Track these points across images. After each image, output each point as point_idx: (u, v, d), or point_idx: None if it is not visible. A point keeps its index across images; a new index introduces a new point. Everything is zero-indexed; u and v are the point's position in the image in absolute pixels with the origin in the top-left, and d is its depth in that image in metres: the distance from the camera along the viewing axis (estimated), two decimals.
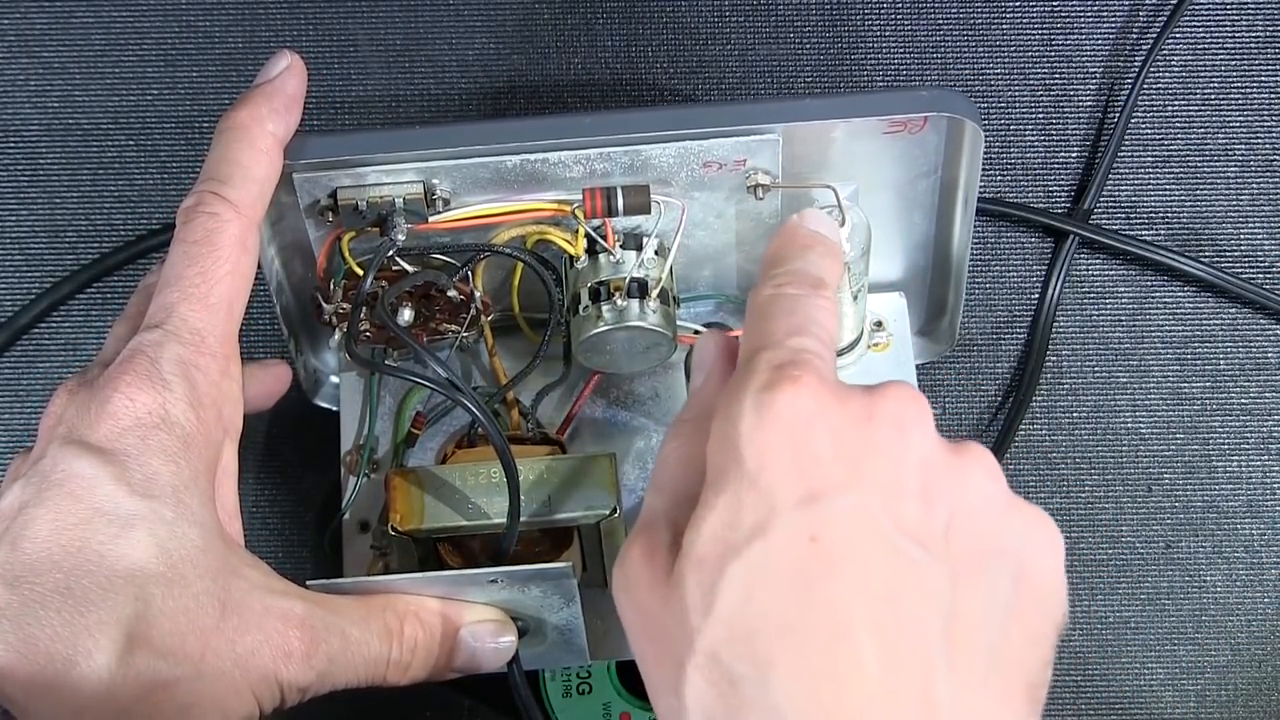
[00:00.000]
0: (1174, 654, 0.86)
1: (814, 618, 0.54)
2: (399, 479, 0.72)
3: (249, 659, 0.63)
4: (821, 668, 0.53)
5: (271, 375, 0.77)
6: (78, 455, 0.62)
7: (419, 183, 0.72)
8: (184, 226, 0.66)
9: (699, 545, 0.56)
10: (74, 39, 0.92)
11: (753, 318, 0.62)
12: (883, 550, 0.55)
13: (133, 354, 0.64)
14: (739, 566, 0.55)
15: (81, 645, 0.60)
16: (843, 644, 0.54)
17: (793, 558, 0.54)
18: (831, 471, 0.55)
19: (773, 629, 0.54)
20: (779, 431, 0.56)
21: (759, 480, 0.55)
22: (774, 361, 0.58)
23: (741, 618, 0.54)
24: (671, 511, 0.59)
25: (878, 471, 0.56)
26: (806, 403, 0.56)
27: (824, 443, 0.56)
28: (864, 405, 0.57)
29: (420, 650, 0.68)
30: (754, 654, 0.54)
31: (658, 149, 0.71)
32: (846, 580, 0.54)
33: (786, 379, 0.57)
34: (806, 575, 0.54)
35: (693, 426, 0.61)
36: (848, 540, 0.55)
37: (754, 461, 0.56)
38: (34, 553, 0.61)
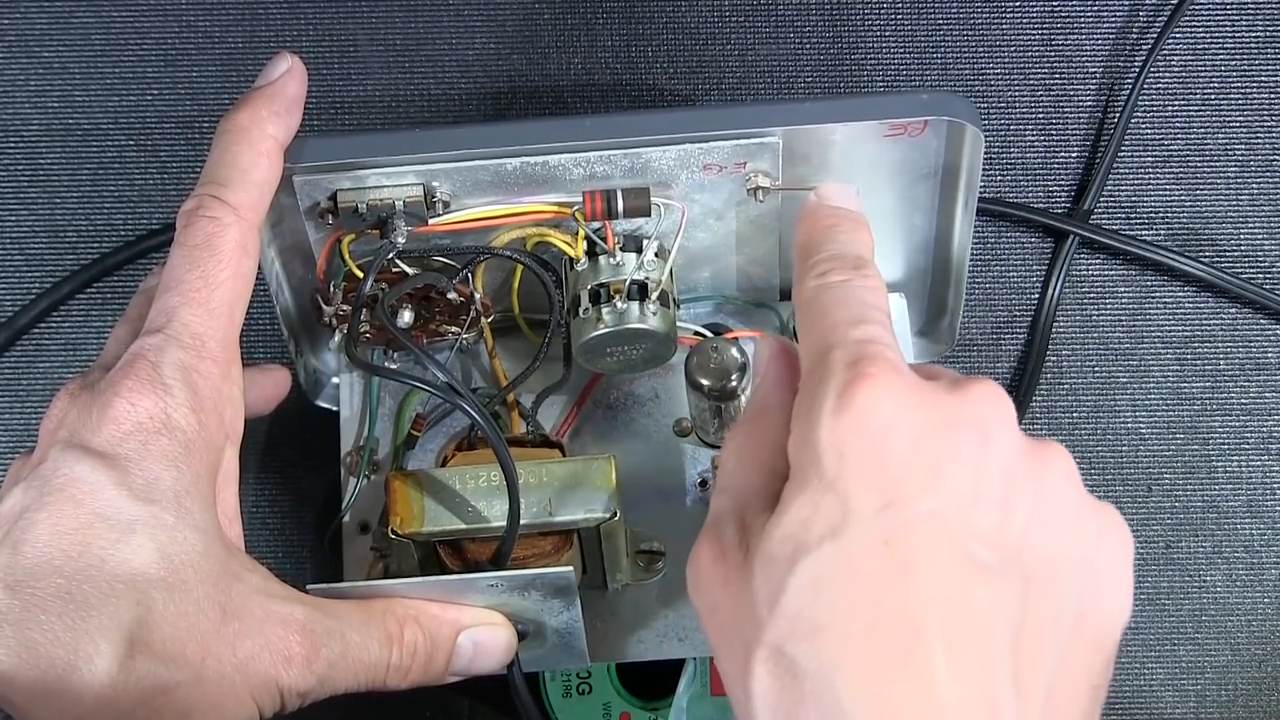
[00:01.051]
0: (1174, 654, 0.86)
1: (884, 621, 0.54)
2: (399, 482, 0.72)
3: (249, 664, 0.63)
4: (888, 670, 0.54)
5: (272, 380, 0.77)
6: (79, 460, 0.62)
7: (419, 185, 0.72)
8: (184, 230, 0.66)
9: (772, 543, 0.56)
10: (74, 39, 0.92)
11: (806, 313, 0.62)
12: (957, 559, 0.55)
13: (134, 358, 0.64)
14: (808, 564, 0.55)
15: (82, 650, 0.60)
16: (912, 649, 0.54)
17: (865, 560, 0.55)
18: (909, 476, 0.55)
19: (840, 628, 0.54)
20: (858, 434, 0.56)
21: (836, 484, 0.55)
22: (846, 360, 0.57)
23: (808, 614, 0.55)
24: (737, 511, 0.59)
25: (957, 478, 0.56)
26: (886, 404, 0.56)
27: (903, 446, 0.56)
28: (948, 406, 0.57)
29: (420, 654, 0.68)
30: (818, 650, 0.54)
31: (658, 151, 0.71)
32: (919, 586, 0.54)
33: (863, 378, 0.56)
34: (878, 578, 0.54)
35: (751, 427, 0.62)
36: (922, 547, 0.55)
37: (832, 465, 0.56)
38: (35, 557, 0.61)
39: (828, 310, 0.61)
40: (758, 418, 0.62)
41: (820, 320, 0.60)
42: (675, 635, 0.77)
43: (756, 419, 0.62)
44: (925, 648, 0.54)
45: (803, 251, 0.64)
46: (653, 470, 0.79)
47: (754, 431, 0.61)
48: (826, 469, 0.56)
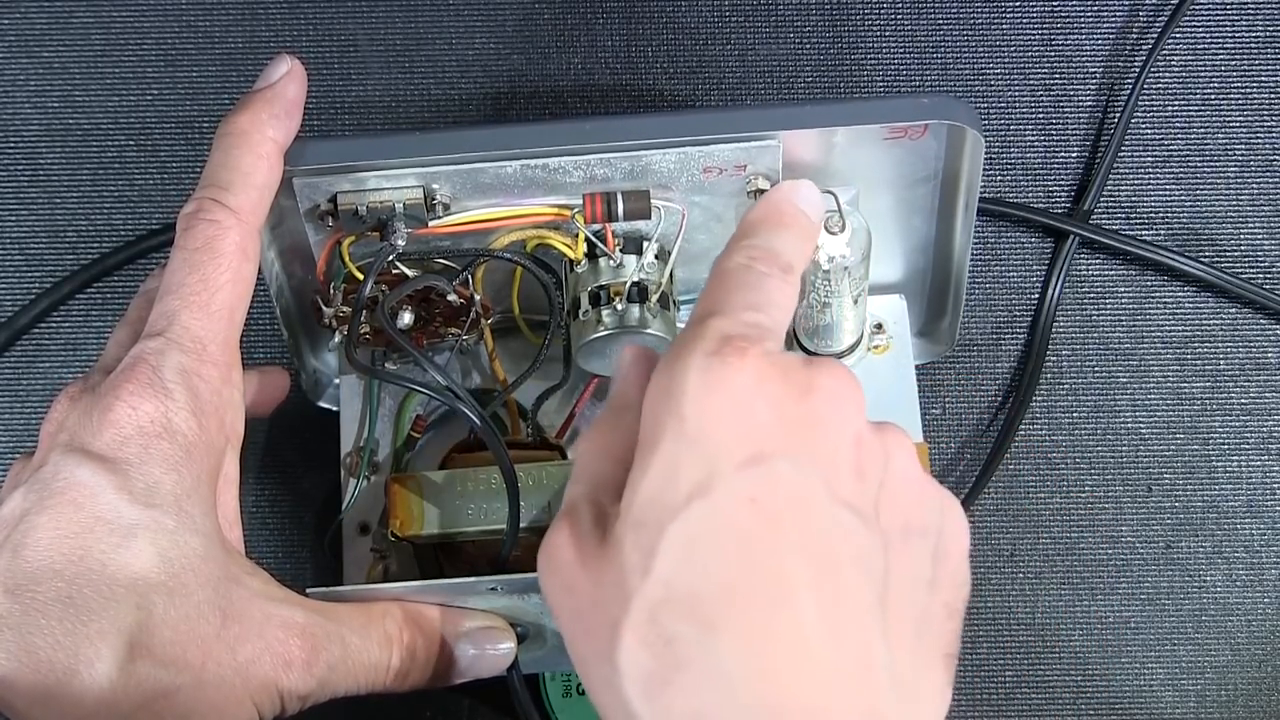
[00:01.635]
0: (1174, 654, 0.86)
1: (757, 579, 0.55)
2: (399, 485, 0.72)
3: (250, 667, 0.63)
4: (765, 629, 0.55)
5: (272, 382, 0.77)
6: (80, 463, 0.62)
7: (419, 187, 0.72)
8: (185, 233, 0.66)
9: (636, 507, 0.57)
10: (74, 39, 0.92)
11: (715, 281, 0.62)
12: (823, 515, 0.57)
13: (135, 362, 0.64)
14: (678, 526, 0.56)
15: (83, 654, 0.60)
16: (786, 606, 0.55)
17: (734, 518, 0.56)
18: (772, 437, 0.57)
19: (715, 589, 0.55)
20: (723, 395, 0.57)
21: (700, 440, 0.56)
22: (725, 330, 0.59)
23: (682, 578, 0.55)
24: (592, 495, 0.60)
25: (816, 441, 0.58)
26: (750, 373, 0.58)
27: (765, 410, 0.57)
28: (804, 378, 0.59)
29: (420, 657, 0.68)
30: (695, 614, 0.55)
31: (658, 154, 0.71)
32: (788, 543, 0.56)
33: (734, 349, 0.58)
34: (748, 536, 0.55)
35: (607, 424, 0.62)
36: (789, 503, 0.56)
37: (695, 421, 0.57)
38: (35, 561, 0.61)
39: (735, 288, 0.62)
40: (615, 414, 0.63)
41: (721, 290, 0.62)
42: None
43: (613, 415, 0.63)
44: (798, 604, 0.55)
45: (746, 229, 0.65)
46: None
47: (611, 427, 0.62)
48: (689, 426, 0.57)
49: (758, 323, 0.60)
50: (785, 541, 0.56)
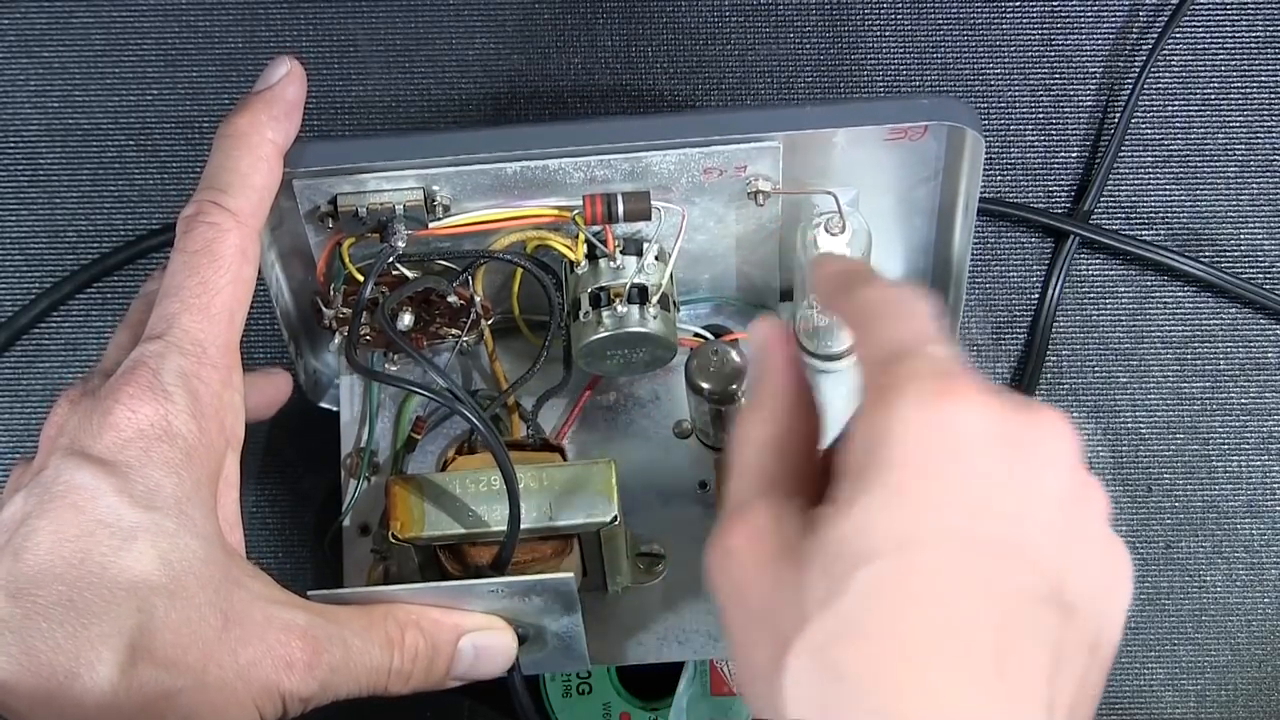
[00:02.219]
0: (1174, 654, 0.86)
1: (939, 638, 0.53)
2: (399, 486, 0.72)
3: (251, 670, 0.63)
4: (940, 686, 0.53)
5: (272, 384, 0.77)
6: (80, 466, 0.62)
7: (419, 189, 0.72)
8: (184, 236, 0.66)
9: (832, 540, 0.55)
10: (74, 39, 0.92)
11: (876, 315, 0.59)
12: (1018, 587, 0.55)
13: (134, 365, 0.64)
14: (872, 571, 0.54)
15: (84, 657, 0.60)
16: (964, 668, 0.53)
17: (930, 576, 0.54)
18: (984, 498, 0.54)
19: (895, 639, 0.53)
20: (940, 448, 0.55)
21: (910, 495, 0.54)
22: (933, 369, 0.56)
23: (863, 620, 0.54)
24: (766, 496, 0.58)
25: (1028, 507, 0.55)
26: (972, 421, 0.55)
27: (982, 466, 0.55)
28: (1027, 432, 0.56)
29: (421, 659, 0.68)
30: (869, 658, 0.54)
31: (658, 155, 0.71)
32: (978, 609, 0.54)
33: (951, 393, 0.55)
34: (940, 596, 0.54)
35: (761, 412, 0.61)
36: (988, 571, 0.54)
37: (909, 475, 0.54)
38: (36, 564, 0.61)
39: (901, 317, 0.59)
40: (766, 405, 0.61)
41: (895, 323, 0.58)
42: (675, 638, 0.77)
43: (765, 406, 0.61)
44: (978, 669, 0.53)
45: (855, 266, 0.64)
46: (653, 473, 0.79)
47: (766, 419, 0.60)
48: (902, 477, 0.54)
49: (952, 355, 0.57)
50: (975, 607, 0.54)
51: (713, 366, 0.74)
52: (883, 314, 0.59)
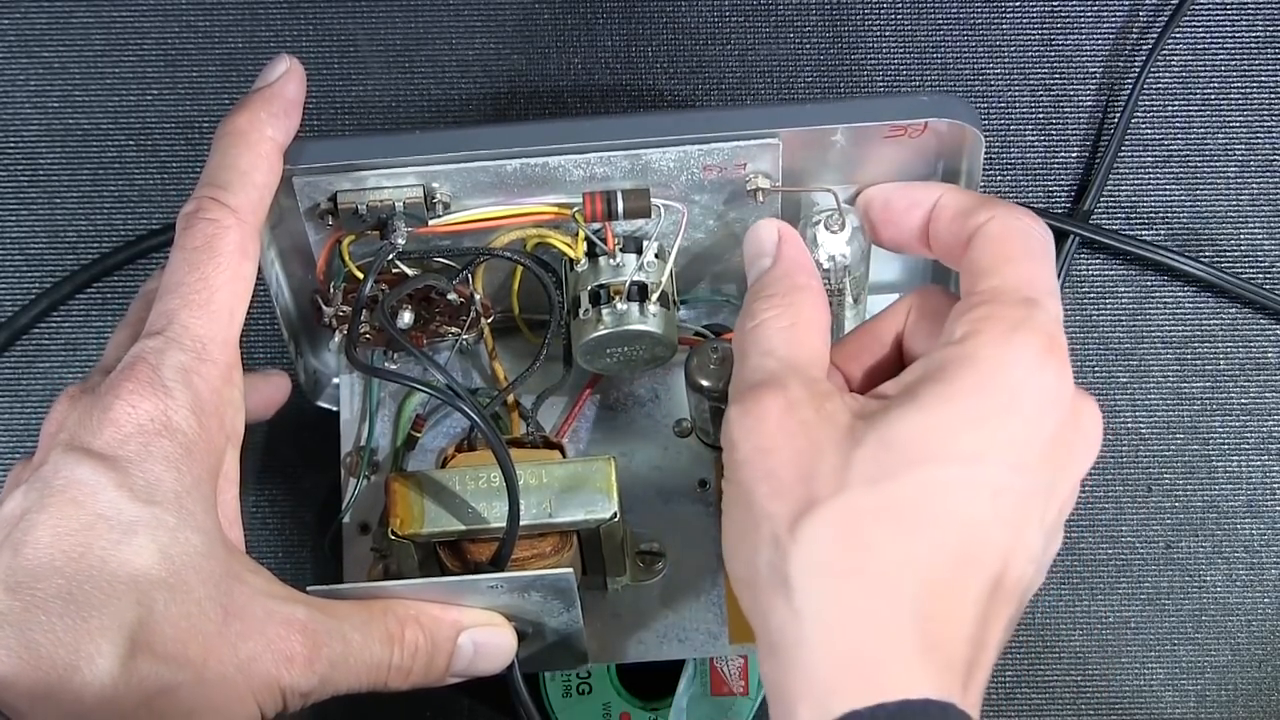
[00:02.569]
0: (1174, 654, 0.86)
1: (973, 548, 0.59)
2: (399, 483, 0.72)
3: (251, 664, 0.63)
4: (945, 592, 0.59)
5: (272, 385, 0.77)
6: (79, 461, 0.62)
7: (419, 186, 0.72)
8: (184, 233, 0.66)
9: (903, 428, 0.60)
10: (74, 39, 0.92)
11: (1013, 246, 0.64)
12: (1033, 537, 0.61)
13: (134, 361, 0.64)
14: (933, 473, 0.59)
15: (84, 651, 0.60)
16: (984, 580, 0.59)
17: (971, 500, 0.59)
18: (1038, 451, 0.61)
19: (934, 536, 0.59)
20: (1034, 397, 0.60)
21: (998, 420, 0.60)
22: (1049, 328, 0.62)
23: (910, 510, 0.59)
24: (797, 371, 0.63)
25: (1065, 473, 0.62)
26: (1064, 386, 0.61)
27: (1049, 425, 0.61)
28: (1081, 406, 0.63)
29: (421, 655, 0.68)
30: (904, 543, 0.59)
31: (658, 153, 0.71)
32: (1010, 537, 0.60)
33: (1060, 351, 0.62)
34: (986, 515, 0.60)
35: (783, 300, 0.66)
36: (1016, 513, 0.60)
37: (1002, 405, 0.60)
38: (36, 559, 0.61)
39: (1035, 257, 0.64)
40: (788, 295, 0.66)
41: (1029, 263, 0.63)
42: (675, 636, 0.77)
43: (787, 296, 0.66)
44: (990, 597, 0.59)
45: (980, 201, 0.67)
46: (653, 471, 0.79)
47: (789, 307, 0.65)
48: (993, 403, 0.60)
49: (1060, 317, 0.63)
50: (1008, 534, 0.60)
51: (713, 365, 0.74)
52: (1025, 249, 0.64)
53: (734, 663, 0.83)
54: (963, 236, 0.65)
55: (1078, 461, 0.63)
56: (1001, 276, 0.62)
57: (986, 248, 0.64)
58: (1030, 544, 0.61)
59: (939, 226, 0.67)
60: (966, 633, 0.59)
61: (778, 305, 0.65)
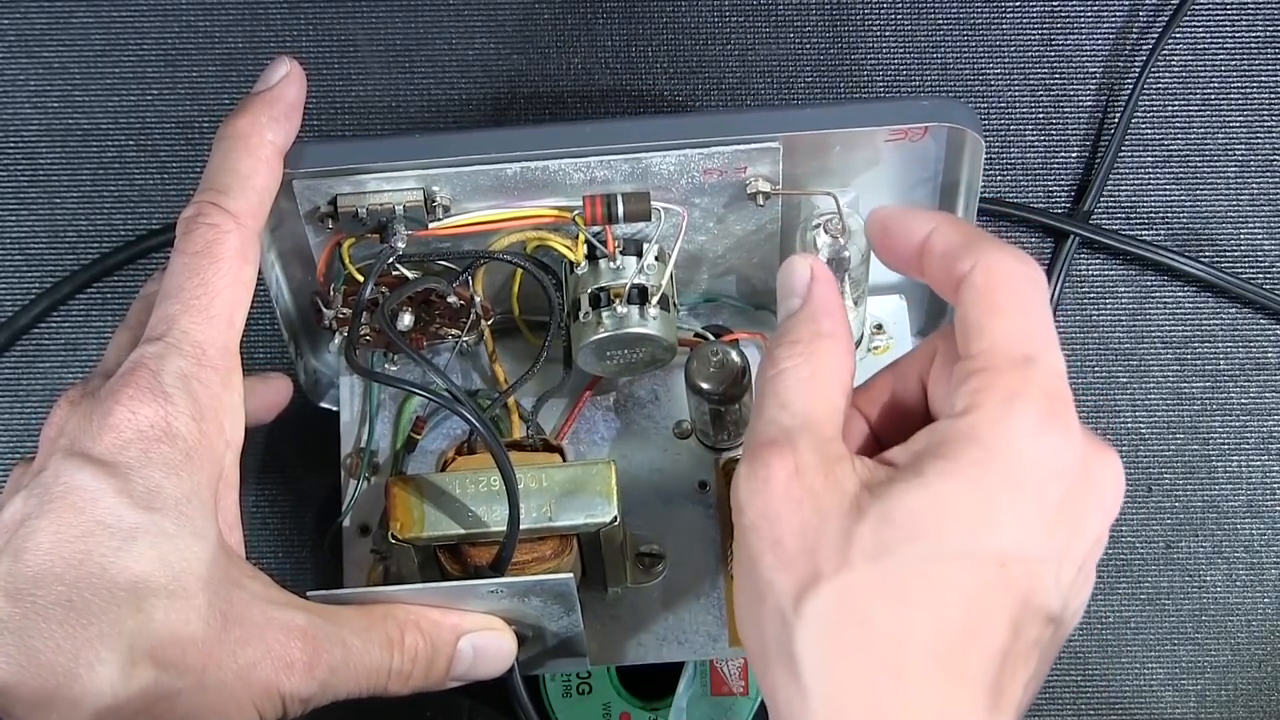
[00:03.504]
0: (1174, 654, 0.86)
1: (967, 626, 0.57)
2: (398, 487, 0.72)
3: (251, 670, 0.63)
4: (960, 659, 0.57)
5: (273, 388, 0.77)
6: (80, 467, 0.62)
7: (419, 189, 0.72)
8: (184, 237, 0.66)
9: (903, 504, 0.58)
10: (74, 39, 0.92)
11: (1004, 299, 0.61)
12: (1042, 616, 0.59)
13: (134, 366, 0.64)
14: (929, 547, 0.57)
15: (83, 657, 0.60)
16: (977, 655, 0.58)
17: (981, 575, 0.58)
18: (1038, 533, 0.58)
19: (930, 613, 0.57)
20: (1036, 469, 0.58)
21: (998, 496, 0.58)
22: (1049, 389, 0.59)
23: (908, 586, 0.57)
24: (809, 432, 0.61)
25: (1070, 549, 0.60)
26: (1069, 452, 0.59)
27: (1053, 496, 0.59)
28: (1100, 472, 0.61)
29: (421, 659, 0.68)
30: (901, 619, 0.57)
31: (658, 156, 0.71)
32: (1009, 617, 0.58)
33: (1061, 421, 0.59)
34: (981, 594, 0.58)
35: (806, 348, 0.63)
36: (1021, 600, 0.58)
37: (1002, 479, 0.58)
38: (36, 565, 0.61)
39: (1030, 308, 0.61)
40: (812, 343, 0.63)
41: (1023, 317, 0.61)
42: (675, 638, 0.77)
43: (810, 344, 0.63)
44: (989, 662, 0.58)
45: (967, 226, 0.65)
46: (653, 473, 0.79)
47: (811, 357, 0.62)
48: (994, 477, 0.58)
49: (1063, 372, 0.61)
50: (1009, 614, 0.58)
51: (713, 367, 0.74)
52: (1022, 297, 0.61)
53: (734, 663, 0.83)
54: (950, 282, 0.62)
55: (1092, 518, 0.60)
56: (993, 336, 0.60)
57: (975, 301, 0.61)
58: (1044, 607, 0.59)
59: (930, 263, 0.64)
60: (978, 703, 0.58)
61: (800, 354, 0.63)
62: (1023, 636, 0.58)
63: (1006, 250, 0.62)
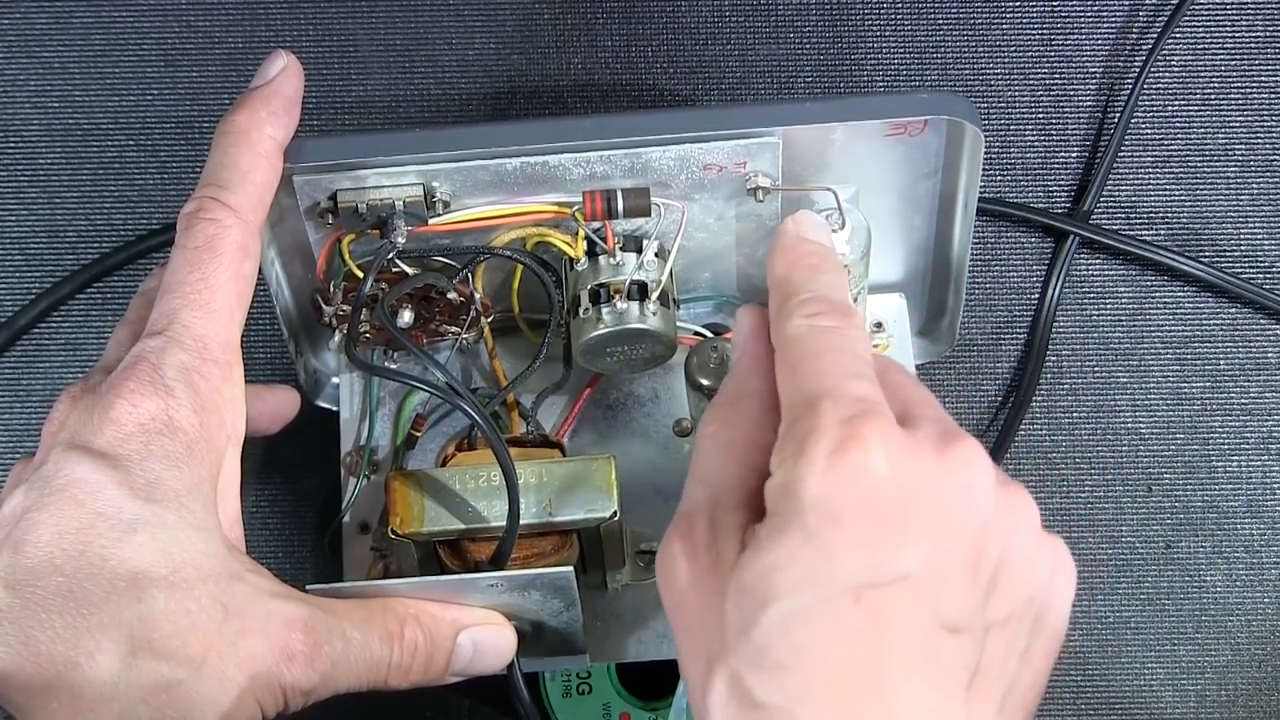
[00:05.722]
0: (1174, 654, 0.86)
1: (849, 670, 0.55)
2: (399, 482, 0.72)
3: (251, 662, 0.63)
4: (850, 714, 0.55)
5: (278, 398, 0.78)
6: (80, 460, 0.62)
7: (419, 185, 0.72)
8: (185, 232, 0.66)
9: (747, 576, 0.57)
10: (74, 39, 0.92)
11: (793, 353, 0.61)
12: (926, 620, 0.57)
13: (136, 360, 0.64)
14: (781, 606, 0.56)
15: (83, 648, 0.60)
16: (875, 697, 0.55)
17: (838, 614, 0.56)
18: (891, 539, 0.56)
19: (805, 671, 0.55)
20: (847, 494, 0.56)
21: (818, 539, 0.56)
22: (840, 415, 0.57)
23: (775, 652, 0.56)
24: (710, 505, 0.60)
25: (935, 543, 0.57)
26: (879, 467, 0.57)
27: (890, 509, 0.57)
28: (936, 469, 0.58)
29: (421, 653, 0.68)
30: (781, 687, 0.55)
31: (658, 152, 0.71)
32: (887, 643, 0.56)
33: (857, 439, 0.57)
34: (848, 631, 0.56)
35: (729, 414, 0.62)
36: (895, 608, 0.56)
37: (816, 520, 0.56)
38: (36, 557, 0.61)
39: (819, 355, 0.60)
40: (735, 404, 0.62)
41: (810, 364, 0.60)
42: None
43: (734, 405, 0.62)
44: (888, 697, 0.55)
45: (785, 287, 0.64)
46: (653, 470, 0.79)
47: (731, 419, 0.62)
48: (809, 523, 0.56)
49: (865, 395, 0.58)
50: (883, 641, 0.56)
51: (712, 364, 0.74)
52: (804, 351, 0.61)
53: None
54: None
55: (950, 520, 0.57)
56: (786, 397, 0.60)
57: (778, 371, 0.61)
58: (928, 620, 0.56)
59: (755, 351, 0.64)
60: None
61: (720, 418, 0.62)
62: (931, 655, 0.56)
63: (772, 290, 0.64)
